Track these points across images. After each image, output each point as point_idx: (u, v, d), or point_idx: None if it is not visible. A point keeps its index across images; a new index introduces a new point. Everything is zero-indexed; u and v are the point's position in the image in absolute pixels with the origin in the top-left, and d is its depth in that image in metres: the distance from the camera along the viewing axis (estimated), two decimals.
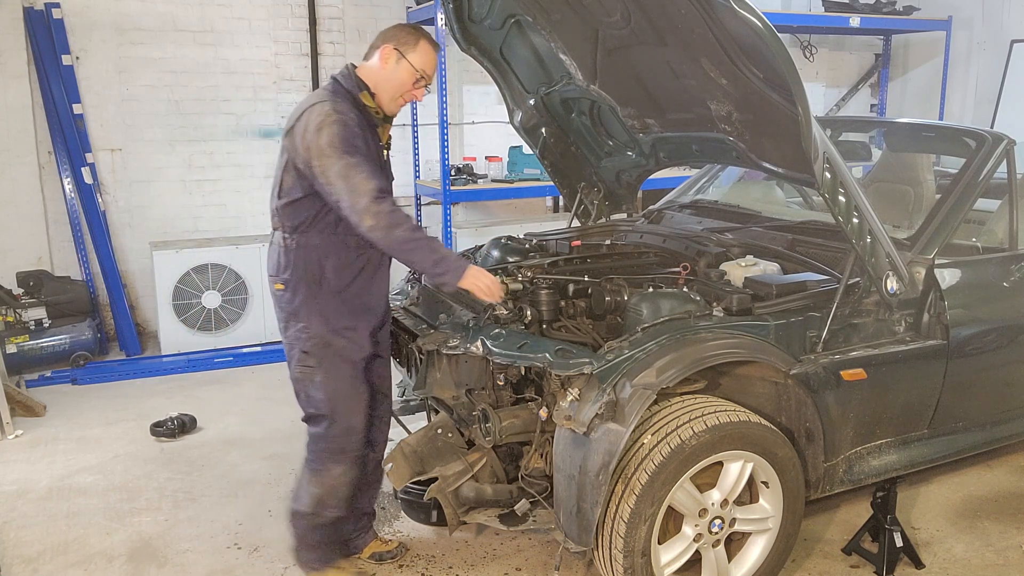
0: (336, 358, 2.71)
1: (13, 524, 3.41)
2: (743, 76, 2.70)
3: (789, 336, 2.76)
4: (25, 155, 5.57)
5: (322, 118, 2.54)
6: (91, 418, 4.56)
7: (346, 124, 2.55)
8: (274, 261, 2.76)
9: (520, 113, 3.87)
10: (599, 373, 2.46)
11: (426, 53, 2.71)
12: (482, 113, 6.95)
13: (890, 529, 2.98)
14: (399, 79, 2.70)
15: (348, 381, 2.74)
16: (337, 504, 2.84)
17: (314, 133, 2.53)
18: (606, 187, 4.15)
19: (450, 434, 3.01)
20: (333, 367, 2.71)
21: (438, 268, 2.61)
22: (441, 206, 5.87)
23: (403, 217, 2.54)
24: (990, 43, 7.43)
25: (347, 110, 2.59)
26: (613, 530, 2.48)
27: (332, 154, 2.51)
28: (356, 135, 2.56)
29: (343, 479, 2.81)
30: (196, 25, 5.94)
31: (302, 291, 2.68)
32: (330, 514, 2.83)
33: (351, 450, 2.80)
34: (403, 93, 2.73)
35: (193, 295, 5.57)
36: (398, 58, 2.68)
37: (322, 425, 2.77)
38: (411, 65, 2.69)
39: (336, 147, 2.51)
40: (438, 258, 2.60)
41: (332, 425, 2.76)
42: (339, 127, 2.53)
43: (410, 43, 2.69)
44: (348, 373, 2.74)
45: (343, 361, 2.72)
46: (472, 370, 2.87)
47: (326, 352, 2.70)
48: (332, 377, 2.72)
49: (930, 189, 3.74)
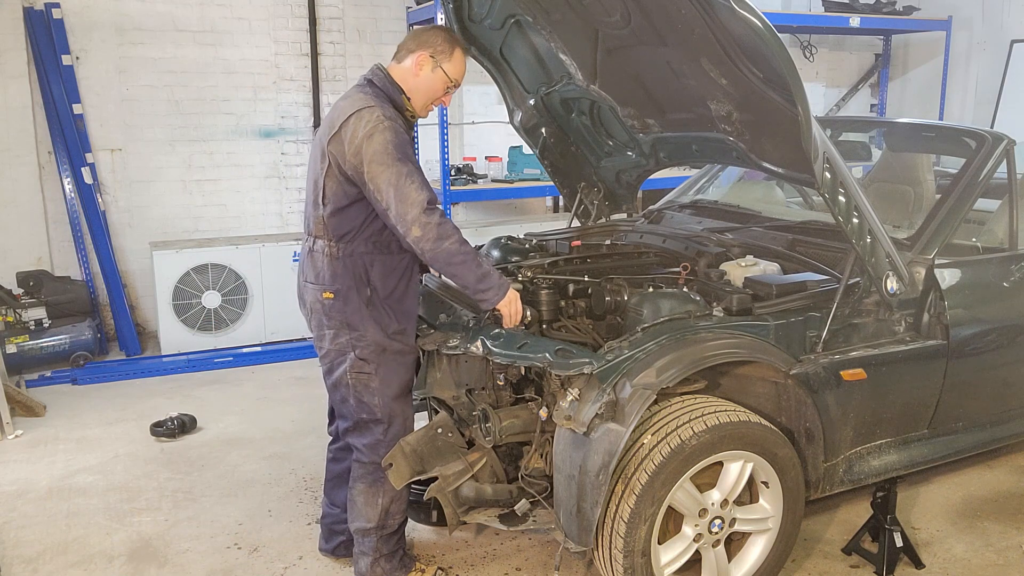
0: (392, 362, 2.73)
1: (13, 524, 3.41)
2: (743, 76, 2.70)
3: (789, 336, 2.76)
4: (25, 155, 5.57)
5: (373, 124, 2.50)
6: (91, 418, 4.56)
7: (397, 131, 2.53)
8: (319, 270, 2.70)
9: (520, 113, 3.87)
10: (599, 373, 2.46)
11: (460, 63, 2.73)
12: (482, 113, 6.96)
13: (890, 529, 2.98)
14: (433, 87, 2.70)
15: (401, 382, 2.77)
16: (400, 510, 2.87)
17: (364, 139, 2.50)
18: (606, 187, 4.15)
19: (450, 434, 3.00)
20: (390, 371, 2.73)
21: (481, 284, 2.60)
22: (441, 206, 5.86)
23: (451, 229, 2.53)
24: (990, 43, 7.43)
25: (394, 116, 2.58)
26: (613, 530, 2.48)
27: (385, 161, 2.48)
28: (406, 142, 2.55)
29: None
30: (196, 25, 5.94)
31: (353, 299, 2.66)
32: (395, 521, 2.86)
33: None
34: (435, 100, 2.74)
35: (193, 295, 5.57)
36: (434, 66, 2.68)
37: (378, 430, 2.76)
38: (446, 75, 2.69)
39: (390, 154, 2.48)
40: (482, 274, 2.59)
41: (389, 429, 2.77)
42: (392, 134, 2.51)
43: (446, 52, 2.69)
44: (402, 375, 2.77)
45: (398, 364, 2.74)
46: (472, 370, 2.87)
47: (383, 357, 2.70)
48: (388, 382, 2.73)
49: (930, 189, 3.74)
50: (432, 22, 5.49)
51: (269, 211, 6.41)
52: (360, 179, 2.53)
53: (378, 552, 2.86)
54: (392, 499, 2.82)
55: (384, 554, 2.87)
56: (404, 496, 2.86)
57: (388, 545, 2.87)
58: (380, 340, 2.69)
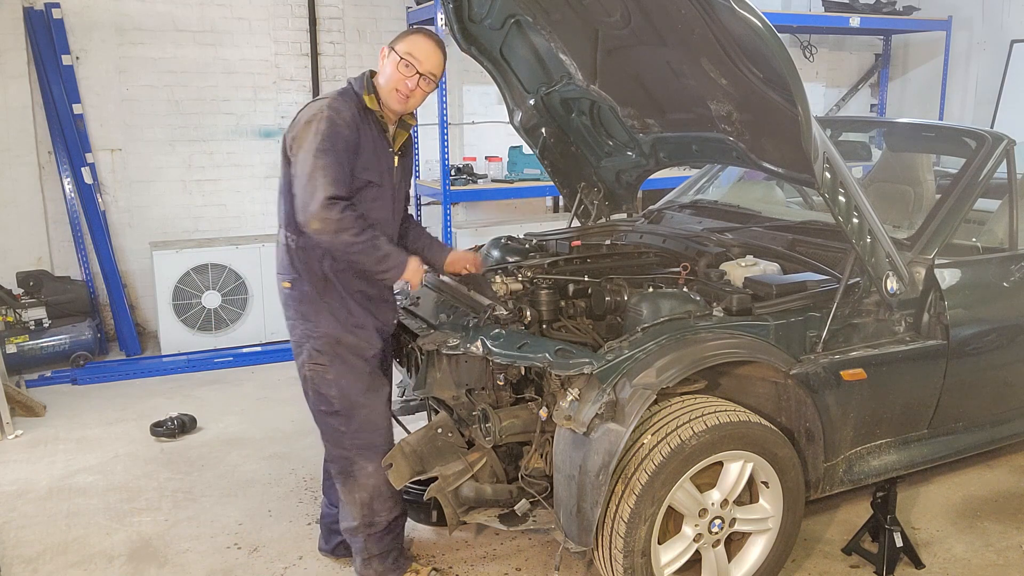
0: (347, 354, 2.72)
1: (13, 524, 3.41)
2: (743, 76, 2.70)
3: (789, 336, 2.76)
4: (25, 155, 5.57)
5: (314, 113, 2.57)
6: (91, 418, 4.56)
7: (334, 122, 2.54)
8: (280, 259, 2.76)
9: (520, 113, 3.86)
10: (599, 373, 2.46)
11: (412, 41, 2.67)
12: (482, 113, 6.95)
13: (890, 529, 2.98)
14: (389, 71, 2.66)
15: (364, 376, 2.76)
16: (386, 505, 2.83)
17: (303, 126, 2.57)
18: (606, 187, 4.14)
19: (450, 434, 3.00)
20: (345, 363, 2.72)
21: (381, 266, 2.62)
22: (441, 206, 5.87)
23: (350, 223, 2.52)
24: (990, 43, 7.43)
25: (344, 109, 2.59)
26: (613, 530, 2.48)
27: (309, 148, 2.52)
28: (341, 135, 2.55)
29: (379, 478, 2.79)
30: (196, 25, 5.94)
31: (309, 290, 2.69)
32: (382, 518, 2.83)
33: (380, 444, 2.80)
34: (396, 84, 2.66)
35: (193, 295, 5.57)
36: (388, 52, 2.68)
37: (337, 422, 2.76)
38: (396, 53, 2.65)
39: (316, 143, 2.52)
40: (380, 256, 2.60)
41: (350, 422, 2.76)
42: (326, 124, 2.53)
43: (400, 37, 2.69)
44: (362, 368, 2.75)
45: (355, 356, 2.73)
46: (472, 370, 2.87)
47: (338, 349, 2.71)
48: (345, 373, 2.73)
49: (930, 189, 3.74)
50: (432, 22, 5.49)
51: (269, 211, 6.41)
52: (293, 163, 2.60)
53: (368, 552, 2.85)
54: (372, 495, 2.79)
55: (375, 554, 2.85)
56: (389, 493, 2.82)
57: (379, 545, 2.85)
58: (335, 332, 2.69)
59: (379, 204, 2.72)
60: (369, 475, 2.79)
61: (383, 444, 2.81)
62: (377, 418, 2.80)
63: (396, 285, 2.84)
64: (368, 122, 2.67)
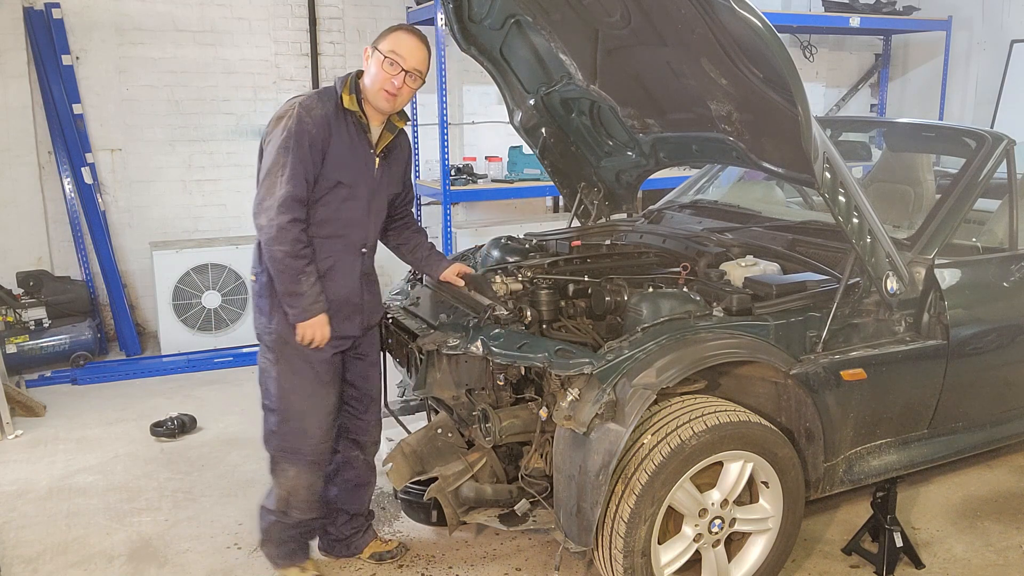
0: (294, 356, 2.71)
1: (13, 524, 3.41)
2: (743, 76, 2.70)
3: (789, 336, 2.76)
4: (25, 155, 5.57)
5: (285, 110, 2.60)
6: (91, 418, 4.56)
7: (301, 120, 2.55)
8: (254, 253, 2.78)
9: (520, 113, 3.86)
10: (599, 373, 2.46)
11: (395, 39, 2.63)
12: (482, 113, 6.95)
13: (890, 529, 2.98)
14: (374, 70, 2.64)
15: (305, 382, 2.73)
16: (300, 506, 2.84)
17: (274, 122, 2.61)
18: (606, 187, 4.14)
19: (450, 434, 3.01)
20: (289, 365, 2.72)
21: (288, 300, 2.61)
22: (441, 206, 5.87)
23: (290, 238, 2.52)
24: (990, 43, 7.43)
25: (316, 107, 2.59)
26: (613, 530, 2.48)
27: (274, 143, 2.56)
28: (307, 133, 2.55)
29: (299, 481, 2.80)
30: (196, 25, 5.94)
31: (268, 285, 2.69)
32: (295, 515, 2.85)
33: (306, 453, 2.78)
34: (383, 84, 2.63)
35: (193, 295, 5.57)
36: (372, 52, 2.66)
37: (272, 420, 2.78)
38: (380, 52, 2.62)
39: (281, 140, 2.54)
40: (295, 291, 2.58)
41: (284, 423, 2.76)
42: (294, 122, 2.54)
43: (383, 37, 2.66)
44: (306, 373, 2.73)
45: (301, 360, 2.71)
46: (472, 370, 2.87)
47: (284, 349, 2.71)
48: (287, 374, 2.72)
49: (930, 189, 3.74)
50: (432, 22, 5.49)
51: None
52: None
53: (269, 534, 2.90)
54: (289, 492, 2.81)
55: (274, 539, 2.90)
56: (305, 498, 2.83)
57: (281, 534, 2.88)
58: (284, 332, 2.68)
59: (351, 205, 2.69)
60: (288, 478, 2.80)
61: (310, 454, 2.79)
62: (311, 427, 2.77)
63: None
64: (344, 122, 2.65)
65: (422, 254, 3.12)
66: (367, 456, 3.03)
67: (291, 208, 2.53)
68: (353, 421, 2.97)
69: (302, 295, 2.59)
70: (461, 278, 3.10)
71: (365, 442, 3.01)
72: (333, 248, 2.69)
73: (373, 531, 3.17)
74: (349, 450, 2.99)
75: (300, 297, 2.59)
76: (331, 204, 2.65)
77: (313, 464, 2.81)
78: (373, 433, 3.03)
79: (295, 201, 2.54)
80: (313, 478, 2.83)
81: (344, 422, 2.96)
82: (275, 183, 2.53)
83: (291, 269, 2.56)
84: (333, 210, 2.65)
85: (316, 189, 2.61)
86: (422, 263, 3.15)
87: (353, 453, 2.99)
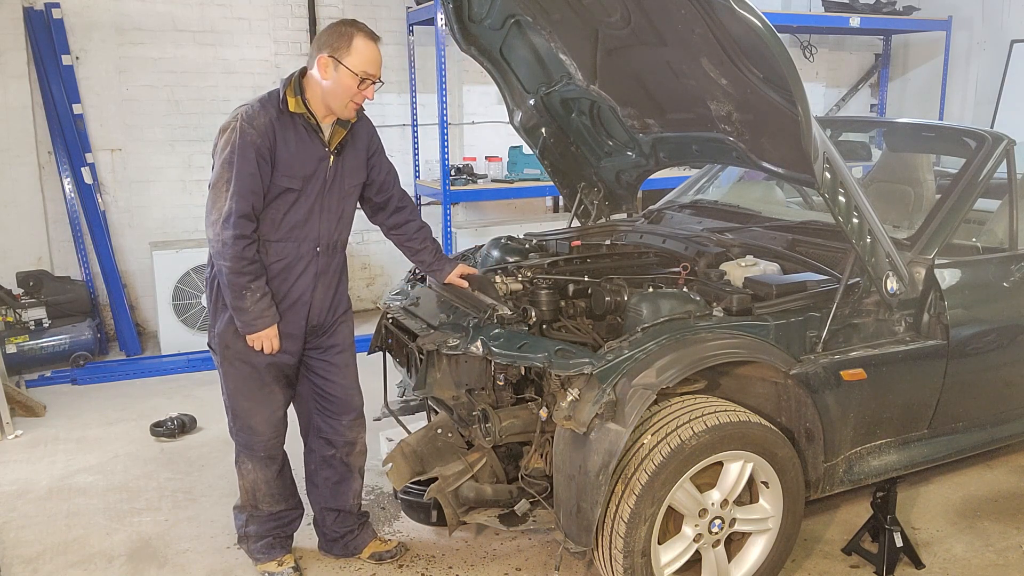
0: (235, 359, 2.75)
1: (13, 524, 3.41)
2: (743, 76, 2.70)
3: (789, 336, 2.76)
4: (25, 155, 5.57)
5: (227, 122, 2.60)
6: (91, 418, 4.56)
7: (244, 133, 2.53)
8: None
9: (520, 113, 3.86)
10: (599, 373, 2.46)
11: (361, 53, 2.57)
12: (482, 113, 6.95)
13: (890, 529, 2.98)
14: (344, 86, 2.58)
15: (249, 383, 2.79)
16: (268, 499, 2.93)
17: (218, 133, 2.61)
18: (606, 187, 4.14)
19: (450, 434, 3.01)
20: (232, 367, 2.77)
21: (236, 313, 2.64)
22: (441, 206, 5.87)
23: (234, 255, 2.54)
24: (990, 43, 7.43)
25: (259, 116, 2.57)
26: (613, 530, 2.48)
27: (219, 158, 2.57)
28: (251, 145, 2.53)
29: (256, 476, 2.90)
30: (196, 25, 5.94)
31: (214, 290, 2.74)
32: (265, 507, 2.94)
33: (258, 449, 2.87)
34: (351, 98, 2.61)
35: (193, 295, 5.57)
36: (336, 65, 2.57)
37: (229, 418, 2.89)
38: (350, 70, 2.56)
39: (224, 155, 2.55)
40: (239, 306, 2.61)
41: (234, 421, 2.86)
42: (237, 135, 2.54)
43: (343, 47, 2.57)
44: (248, 376, 2.77)
45: (242, 363, 2.76)
46: (472, 370, 2.87)
47: (227, 352, 2.75)
48: (231, 376, 2.79)
49: (930, 189, 3.74)
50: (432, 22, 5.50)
51: None
52: None
53: (245, 530, 2.98)
54: (252, 485, 2.90)
55: (251, 534, 2.97)
56: (269, 491, 2.92)
57: (259, 528, 2.96)
58: (225, 336, 2.73)
59: (299, 207, 2.67)
60: (248, 471, 2.91)
61: (261, 449, 2.87)
62: (258, 425, 2.84)
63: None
64: (291, 126, 2.62)
65: (427, 258, 3.11)
66: (342, 455, 3.01)
67: (235, 224, 2.54)
68: (326, 421, 2.97)
69: (246, 310, 2.63)
70: (464, 278, 3.10)
71: (339, 443, 2.99)
72: (285, 250, 2.70)
73: (373, 531, 3.17)
74: (323, 449, 3.01)
75: (244, 312, 2.63)
76: (280, 208, 2.65)
77: (267, 459, 2.90)
78: (347, 435, 3.00)
79: (240, 217, 2.54)
80: (270, 473, 2.92)
81: (317, 421, 2.99)
82: (220, 197, 2.56)
83: (234, 285, 2.60)
84: (282, 214, 2.66)
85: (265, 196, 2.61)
86: (428, 267, 3.14)
87: (328, 452, 3.00)
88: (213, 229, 2.57)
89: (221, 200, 2.55)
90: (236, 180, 2.53)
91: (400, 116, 6.61)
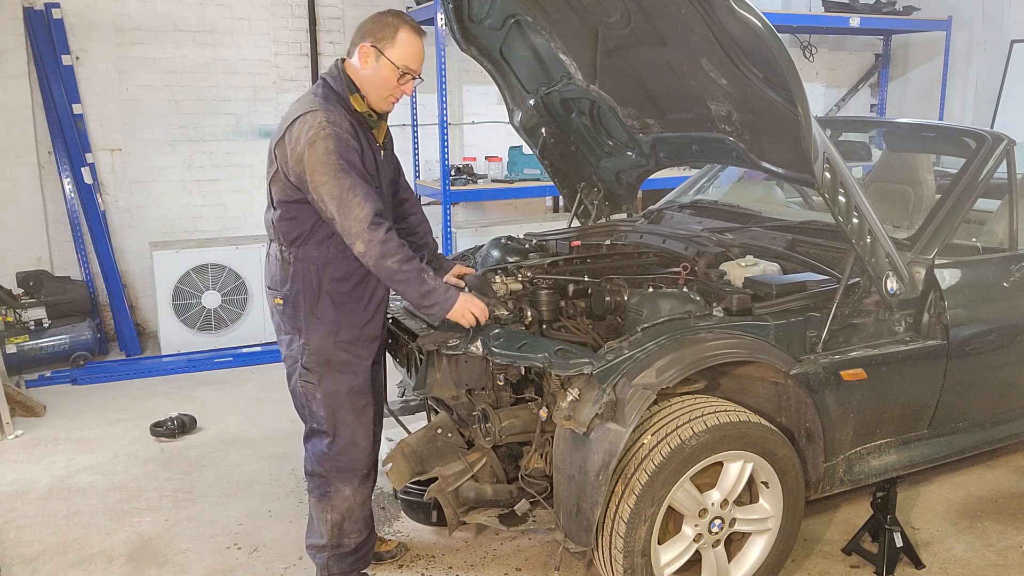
0: (336, 373, 2.66)
1: (13, 524, 3.41)
2: (743, 76, 2.70)
3: (789, 336, 2.76)
4: (25, 155, 5.57)
5: (315, 131, 2.41)
6: (91, 418, 4.56)
7: (340, 137, 2.43)
8: (272, 274, 2.70)
9: (520, 113, 3.86)
10: (599, 373, 2.46)
11: (406, 46, 2.52)
12: (482, 113, 6.96)
13: (890, 529, 2.98)
14: (383, 78, 2.53)
15: (352, 396, 2.70)
16: (356, 527, 2.80)
17: (307, 147, 2.41)
18: (606, 187, 4.14)
19: (450, 434, 3.01)
20: (334, 383, 2.67)
21: (425, 301, 2.55)
22: (441, 206, 5.87)
23: (394, 248, 2.46)
24: (990, 43, 7.43)
25: (340, 119, 2.47)
26: (613, 530, 2.48)
27: (327, 172, 2.41)
28: (350, 148, 2.45)
29: (355, 499, 2.77)
30: (196, 25, 5.94)
31: (302, 306, 2.62)
32: (351, 540, 2.80)
33: (358, 468, 2.76)
34: (392, 92, 2.57)
35: (193, 295, 5.57)
36: (377, 55, 2.51)
37: (324, 442, 2.73)
38: (391, 62, 2.51)
39: (331, 164, 2.40)
40: (425, 291, 2.52)
41: (334, 442, 2.71)
42: (333, 141, 2.41)
43: (387, 37, 2.51)
44: (349, 387, 2.69)
45: (343, 376, 2.67)
46: (472, 370, 2.87)
47: (326, 368, 2.65)
48: (333, 393, 2.67)
49: (930, 189, 3.74)
50: (432, 22, 5.49)
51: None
52: (305, 187, 2.47)
53: (328, 571, 2.82)
54: (344, 516, 2.76)
55: (335, 573, 2.83)
56: (360, 516, 2.80)
57: (340, 565, 2.82)
58: (325, 350, 2.63)
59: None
60: (345, 498, 2.76)
61: (362, 468, 2.77)
62: (361, 439, 2.75)
63: None
64: (358, 125, 2.57)
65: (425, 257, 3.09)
66: None
67: (379, 222, 2.45)
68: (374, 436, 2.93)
69: (433, 290, 2.53)
70: (461, 278, 3.10)
71: None
72: None
73: None
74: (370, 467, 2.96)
75: (432, 293, 2.53)
76: None
77: (366, 477, 2.80)
78: (377, 431, 3.02)
79: (377, 215, 2.45)
80: (367, 492, 2.81)
81: None
82: (351, 206, 2.41)
83: (409, 273, 2.49)
84: None
85: None
86: None
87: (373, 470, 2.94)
88: (361, 240, 2.43)
89: (355, 209, 2.42)
90: (359, 184, 2.43)
91: (400, 116, 6.60)
